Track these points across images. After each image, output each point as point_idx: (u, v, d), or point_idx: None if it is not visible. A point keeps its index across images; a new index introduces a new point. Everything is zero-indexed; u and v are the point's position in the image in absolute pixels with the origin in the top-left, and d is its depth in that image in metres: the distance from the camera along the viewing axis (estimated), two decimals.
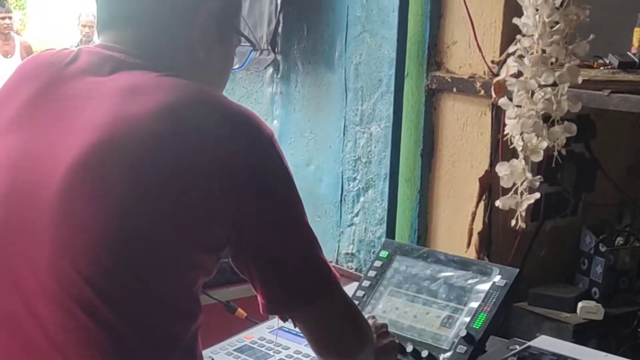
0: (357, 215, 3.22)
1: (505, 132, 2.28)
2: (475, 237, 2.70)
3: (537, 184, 2.28)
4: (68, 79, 1.53)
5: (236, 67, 1.73)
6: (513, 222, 2.30)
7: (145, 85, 1.50)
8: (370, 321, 1.93)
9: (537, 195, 2.26)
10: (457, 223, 2.88)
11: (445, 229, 2.94)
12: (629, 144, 3.02)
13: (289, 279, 1.53)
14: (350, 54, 3.22)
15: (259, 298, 1.56)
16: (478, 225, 2.73)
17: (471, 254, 2.74)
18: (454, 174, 2.90)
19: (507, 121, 2.27)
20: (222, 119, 1.47)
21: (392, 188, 3.01)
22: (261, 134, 1.49)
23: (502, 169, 2.29)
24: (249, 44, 1.71)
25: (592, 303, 2.66)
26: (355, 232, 3.23)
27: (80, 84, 1.52)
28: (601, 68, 2.48)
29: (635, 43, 2.54)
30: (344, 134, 3.26)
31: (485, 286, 2.13)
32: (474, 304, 2.12)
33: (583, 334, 2.61)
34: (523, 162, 2.26)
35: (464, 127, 2.86)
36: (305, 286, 1.54)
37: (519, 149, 2.24)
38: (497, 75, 2.39)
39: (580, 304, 2.65)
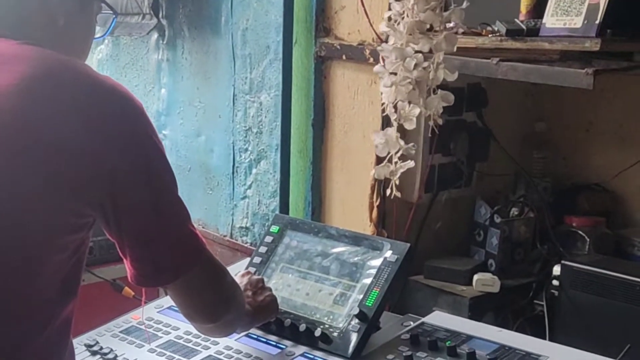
0: (250, 187, 3.20)
1: (382, 101, 2.29)
2: (374, 211, 2.71)
3: (412, 152, 2.30)
4: None
5: (99, 35, 1.73)
6: (388, 192, 2.33)
7: (5, 54, 1.48)
8: (245, 278, 2.02)
9: (411, 163, 2.29)
10: (351, 195, 2.88)
11: (339, 201, 2.93)
12: (521, 113, 3.04)
13: (161, 256, 1.57)
14: (236, 19, 3.18)
15: (128, 268, 1.60)
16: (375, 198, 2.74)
17: (368, 227, 2.75)
18: (347, 145, 2.89)
19: (382, 89, 2.28)
20: (88, 90, 1.46)
21: (284, 160, 2.99)
22: (130, 104, 1.49)
23: (377, 137, 2.31)
24: (110, 11, 1.71)
25: (488, 275, 2.69)
26: (248, 205, 3.22)
27: None
28: (489, 35, 2.49)
29: (523, 10, 2.55)
30: (233, 104, 3.23)
31: (376, 262, 2.16)
32: (366, 281, 2.14)
33: (479, 307, 2.63)
34: (396, 130, 2.28)
35: (355, 96, 2.85)
36: (175, 262, 1.59)
37: (392, 117, 2.26)
38: (386, 42, 2.38)
39: (476, 277, 2.67)
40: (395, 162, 2.29)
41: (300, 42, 2.96)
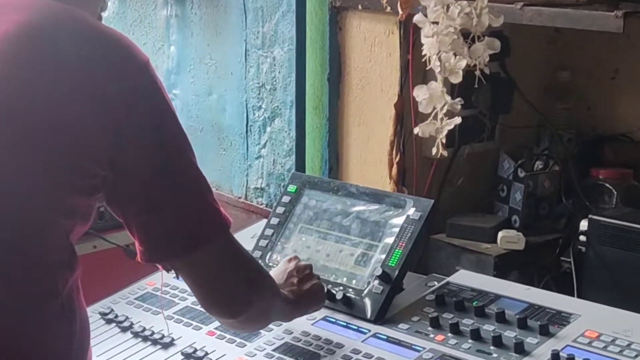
0: (264, 146, 3.17)
1: (423, 53, 2.22)
2: (394, 168, 2.66)
3: (458, 107, 2.24)
4: None
5: None
6: (434, 151, 2.26)
7: (2, 3, 1.42)
8: (292, 264, 1.90)
9: (458, 119, 2.23)
10: (369, 151, 2.84)
11: (357, 158, 2.89)
12: (544, 62, 2.99)
13: (169, 223, 1.47)
14: None
15: (137, 245, 1.51)
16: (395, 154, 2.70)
17: (387, 184, 2.71)
18: (364, 99, 2.85)
19: (423, 40, 2.20)
20: (90, 42, 1.40)
21: (300, 117, 2.95)
22: (136, 59, 1.43)
23: (420, 92, 2.23)
24: None
25: (513, 232, 2.65)
26: (263, 164, 3.18)
27: None
28: None
29: None
30: (245, 60, 3.19)
31: (399, 220, 2.12)
32: (389, 240, 2.10)
33: (504, 266, 2.60)
34: (441, 84, 2.20)
35: (372, 48, 2.80)
36: (187, 232, 1.49)
37: (437, 70, 2.18)
38: None
39: (500, 234, 2.64)
40: (441, 119, 2.22)
41: None
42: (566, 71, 2.95)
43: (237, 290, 1.59)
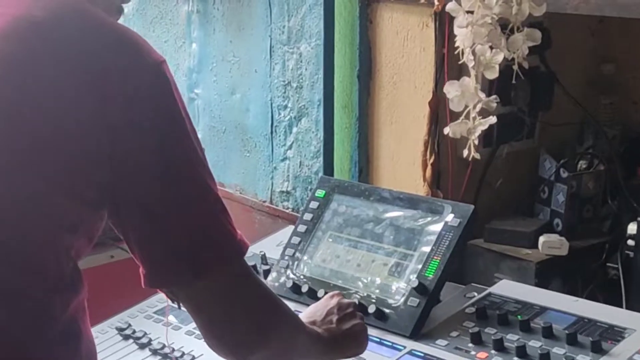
0: (290, 148, 3.08)
1: (456, 45, 2.09)
2: (428, 170, 2.55)
3: (494, 105, 2.10)
4: None
5: None
6: (465, 152, 2.14)
7: None
8: (334, 300, 1.72)
9: (493, 119, 2.09)
10: (402, 152, 2.73)
11: (389, 160, 2.78)
12: (587, 54, 2.86)
13: (173, 242, 1.33)
14: None
15: (140, 268, 1.38)
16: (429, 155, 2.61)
17: (421, 187, 2.61)
18: (396, 97, 2.73)
19: (456, 31, 2.07)
20: (96, 39, 1.30)
21: (328, 116, 2.86)
22: (145, 58, 1.31)
23: (451, 89, 2.10)
24: None
25: (555, 237, 2.54)
26: (289, 167, 3.09)
27: None
28: None
29: None
30: (270, 56, 3.09)
31: (436, 227, 2.04)
32: (425, 249, 2.02)
33: (546, 273, 2.48)
34: (475, 80, 2.07)
35: (405, 42, 2.68)
36: (192, 254, 1.34)
37: (470, 64, 2.05)
38: None
39: (541, 239, 2.53)
40: (474, 118, 2.09)
41: None
42: (611, 64, 2.82)
43: (247, 328, 1.43)
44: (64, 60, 1.28)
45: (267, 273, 2.20)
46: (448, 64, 2.52)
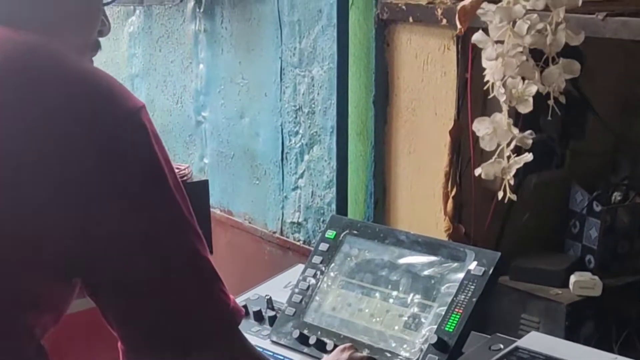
0: (301, 176, 3.00)
1: (485, 79, 1.94)
2: (449, 203, 2.43)
3: (529, 142, 1.95)
4: None
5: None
6: (500, 195, 1.99)
7: None
8: (345, 355, 1.68)
9: (529, 157, 1.94)
10: (421, 183, 2.62)
11: (407, 191, 2.68)
12: (622, 78, 2.72)
13: (155, 316, 1.22)
14: None
15: (119, 343, 1.26)
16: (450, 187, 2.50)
17: (441, 221, 2.49)
18: (415, 124, 2.64)
19: (485, 64, 1.92)
20: (64, 85, 1.17)
21: (341, 144, 2.78)
22: (118, 105, 1.18)
23: (481, 127, 1.96)
24: None
25: (588, 275, 2.40)
26: (300, 197, 3.01)
27: None
28: None
29: None
30: (281, 79, 3.02)
31: (458, 275, 1.88)
32: (446, 299, 1.86)
33: (578, 315, 2.35)
34: (506, 115, 1.92)
35: (425, 66, 2.59)
36: (180, 330, 1.23)
37: (502, 99, 1.89)
38: None
39: (573, 278, 2.39)
40: (508, 157, 1.94)
41: (358, 4, 2.74)
42: None
43: None
44: (25, 114, 1.16)
45: (272, 319, 2.05)
46: (471, 90, 2.42)
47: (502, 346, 1.88)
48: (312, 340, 1.92)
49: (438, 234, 2.41)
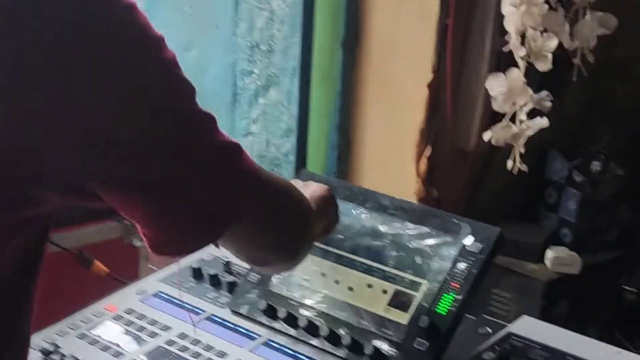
0: (255, 122, 2.92)
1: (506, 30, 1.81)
2: (423, 162, 2.34)
3: (549, 104, 1.82)
4: None
5: None
6: (509, 164, 1.86)
7: None
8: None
9: (545, 122, 1.81)
10: (390, 139, 2.54)
11: (374, 147, 2.59)
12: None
13: (195, 201, 1.23)
14: None
15: (141, 230, 1.26)
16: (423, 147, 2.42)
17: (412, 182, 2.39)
18: (387, 72, 2.55)
19: (505, 9, 1.77)
20: None
21: (303, 88, 2.73)
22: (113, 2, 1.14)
23: (495, 84, 1.82)
24: None
25: (565, 251, 2.36)
26: (253, 144, 2.92)
27: None
28: None
29: None
30: (235, 11, 2.90)
31: (451, 251, 1.71)
32: (437, 277, 1.68)
33: (554, 294, 2.31)
34: (524, 73, 1.80)
35: (401, 7, 2.51)
36: (216, 208, 1.24)
37: (520, 52, 1.75)
38: None
39: (550, 253, 2.35)
40: (521, 121, 1.81)
41: None
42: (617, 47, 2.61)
43: (290, 241, 1.45)
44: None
45: (232, 286, 1.87)
46: (452, 39, 2.32)
47: (488, 329, 1.76)
48: (281, 314, 1.75)
49: (407, 197, 2.30)
